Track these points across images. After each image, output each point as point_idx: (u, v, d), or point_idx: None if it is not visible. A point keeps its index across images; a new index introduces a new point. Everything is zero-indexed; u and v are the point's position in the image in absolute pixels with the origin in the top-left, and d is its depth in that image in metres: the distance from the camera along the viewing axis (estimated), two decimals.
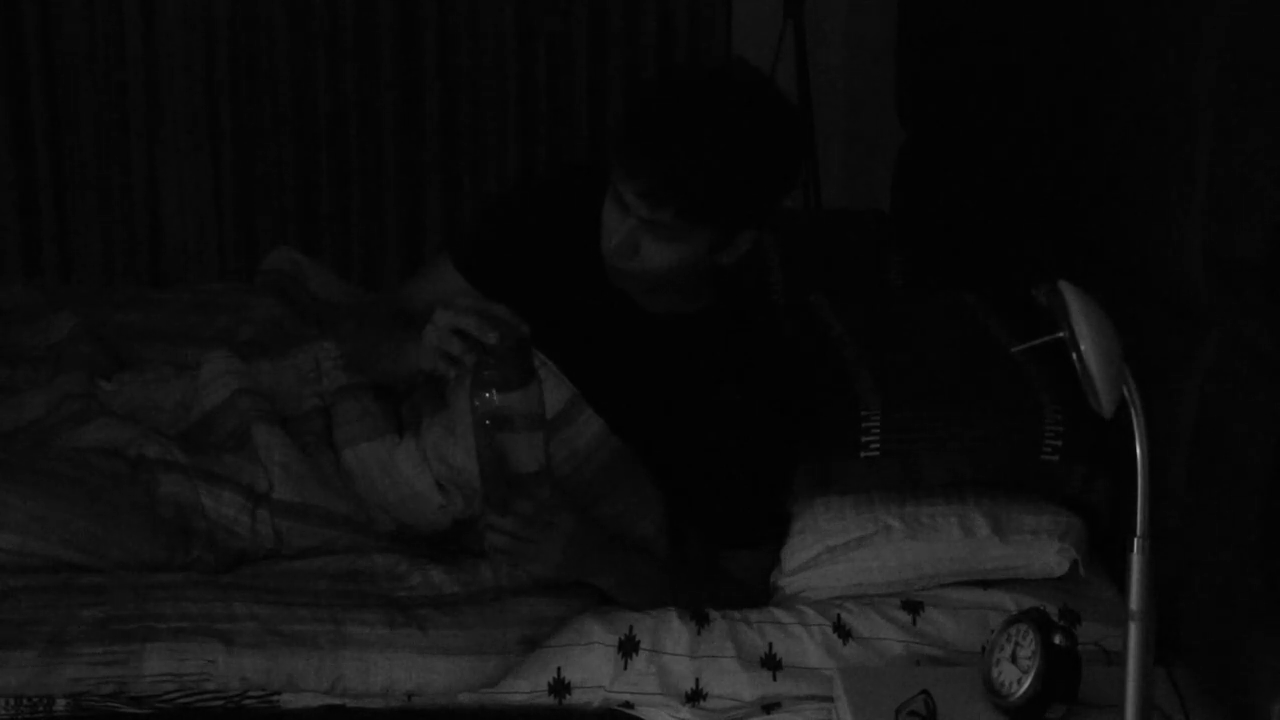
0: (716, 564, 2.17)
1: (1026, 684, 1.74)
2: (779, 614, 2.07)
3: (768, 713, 2.03)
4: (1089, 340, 1.51)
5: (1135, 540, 1.52)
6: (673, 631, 2.04)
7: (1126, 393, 1.52)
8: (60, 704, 1.99)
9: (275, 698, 2.02)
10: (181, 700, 2.00)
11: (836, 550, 2.10)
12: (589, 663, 2.03)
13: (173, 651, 1.97)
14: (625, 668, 2.03)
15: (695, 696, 2.02)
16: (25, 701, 1.98)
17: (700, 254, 2.07)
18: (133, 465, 2.16)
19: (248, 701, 2.02)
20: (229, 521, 2.13)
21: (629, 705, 2.04)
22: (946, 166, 3.05)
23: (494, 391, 1.92)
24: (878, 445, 2.14)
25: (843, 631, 2.04)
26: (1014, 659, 1.77)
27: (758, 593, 2.16)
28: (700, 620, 2.06)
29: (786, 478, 2.17)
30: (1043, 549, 2.08)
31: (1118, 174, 2.13)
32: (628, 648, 2.03)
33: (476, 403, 1.93)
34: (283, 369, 2.40)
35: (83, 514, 2.07)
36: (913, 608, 2.07)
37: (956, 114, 2.96)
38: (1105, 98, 2.19)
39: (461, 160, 3.79)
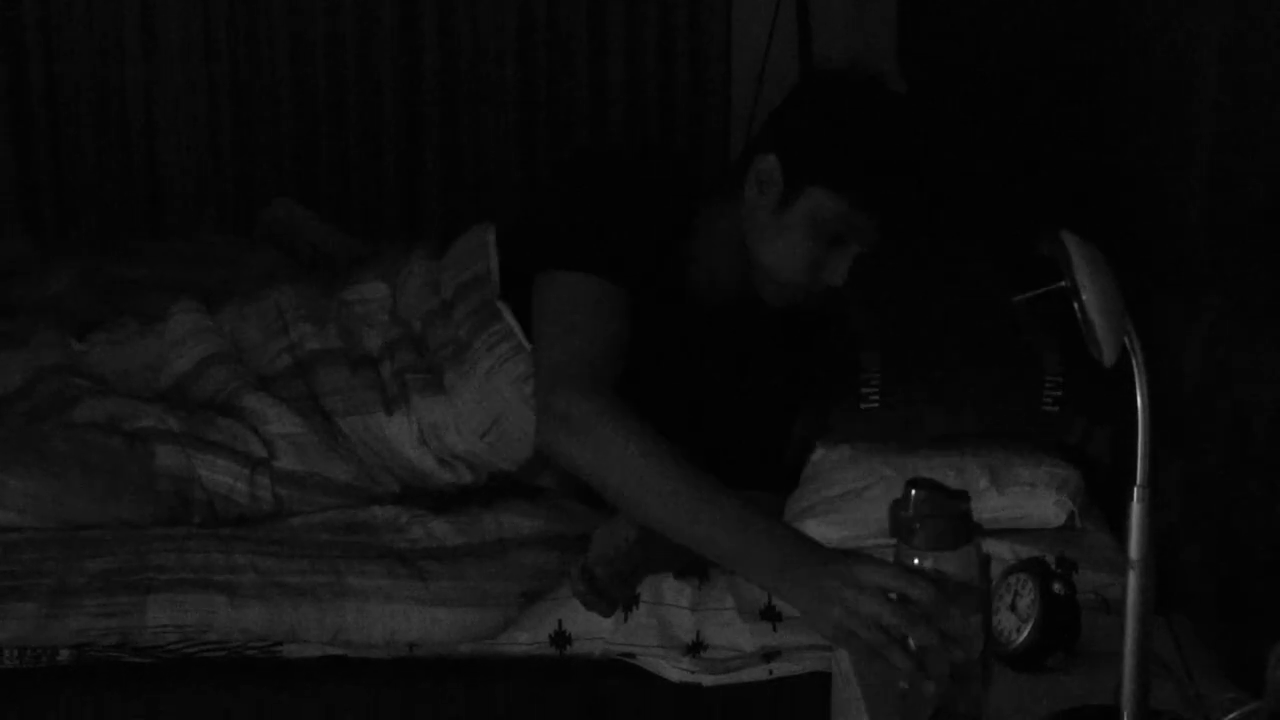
0: None
1: (1026, 632, 1.74)
2: None
3: (768, 661, 2.04)
4: (1090, 289, 1.50)
5: (1135, 489, 1.52)
6: (673, 585, 2.05)
7: (1128, 341, 1.51)
8: (64, 654, 2.00)
9: (277, 648, 2.03)
10: (184, 651, 2.01)
11: (834, 500, 2.10)
12: (590, 615, 2.02)
13: (174, 603, 1.98)
14: (625, 620, 2.03)
15: (696, 648, 2.03)
16: (29, 652, 1.99)
17: None
18: (129, 439, 2.14)
19: (249, 652, 2.03)
20: (226, 489, 2.11)
21: (630, 656, 2.05)
22: (947, 120, 3.04)
23: (922, 552, 1.57)
24: (877, 397, 2.14)
25: None
26: (1013, 608, 1.77)
27: None
28: (700, 574, 2.07)
29: (789, 425, 2.18)
30: (1040, 501, 2.08)
31: (1119, 128, 2.13)
32: (627, 601, 2.04)
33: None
34: (246, 316, 2.33)
35: (81, 492, 2.07)
36: None
37: (957, 68, 2.95)
38: (1107, 52, 2.18)
39: (461, 111, 3.77)
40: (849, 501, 2.10)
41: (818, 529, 2.10)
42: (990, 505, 2.09)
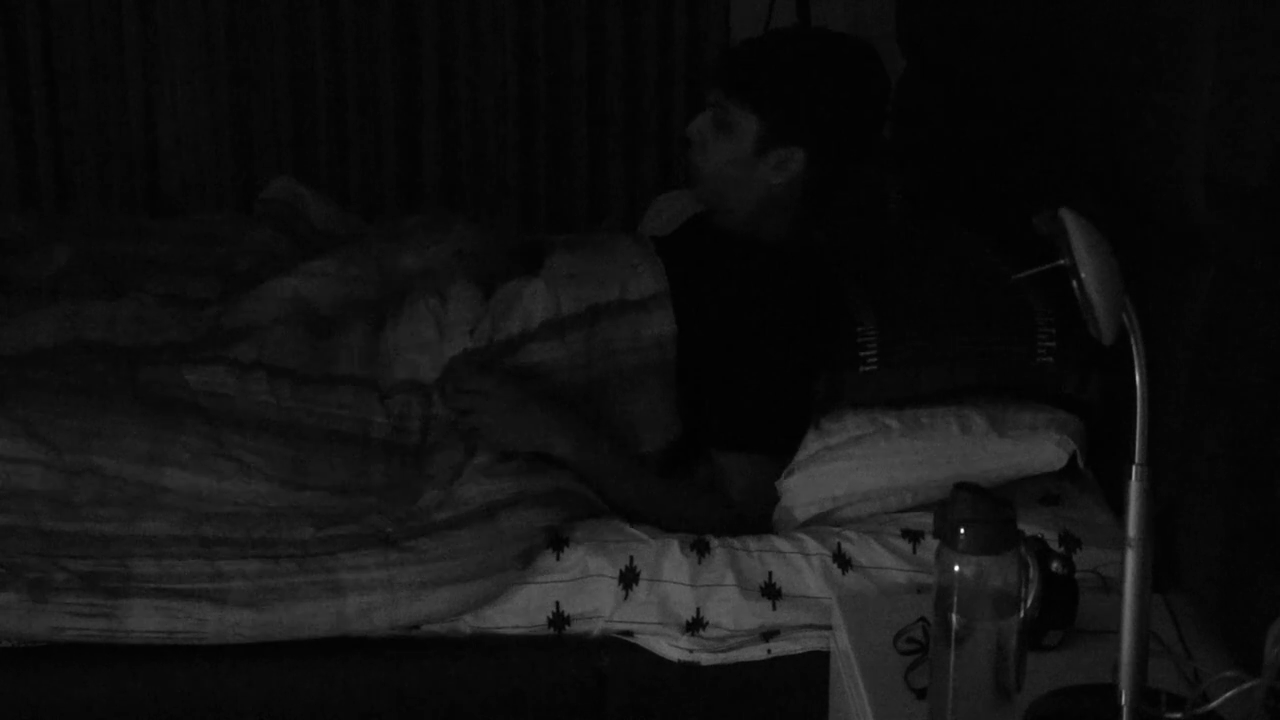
0: (711, 488, 2.19)
1: (1023, 611, 1.74)
2: (779, 543, 2.08)
3: (767, 640, 2.04)
4: (1089, 267, 1.50)
5: (1134, 467, 1.52)
6: (673, 560, 2.05)
7: (1126, 320, 1.51)
8: None
9: None
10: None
11: (835, 448, 2.11)
12: (588, 597, 2.04)
13: (162, 610, 1.96)
14: (626, 598, 2.03)
15: (695, 625, 2.03)
16: None
17: (745, 151, 2.26)
18: (113, 363, 2.19)
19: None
20: (215, 386, 2.15)
21: (629, 635, 2.05)
22: (947, 95, 3.03)
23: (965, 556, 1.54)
24: (875, 358, 2.15)
25: (843, 561, 2.05)
26: None
27: (752, 516, 2.16)
28: (701, 550, 2.07)
29: (791, 388, 2.19)
30: (1041, 443, 2.08)
31: (1119, 100, 2.12)
32: (628, 578, 2.03)
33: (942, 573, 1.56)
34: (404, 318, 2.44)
35: (70, 414, 2.10)
36: (913, 536, 2.07)
37: (957, 42, 2.94)
38: (1107, 22, 2.17)
39: (459, 87, 3.76)
40: (851, 448, 2.11)
41: (822, 477, 2.11)
42: (991, 449, 2.08)
